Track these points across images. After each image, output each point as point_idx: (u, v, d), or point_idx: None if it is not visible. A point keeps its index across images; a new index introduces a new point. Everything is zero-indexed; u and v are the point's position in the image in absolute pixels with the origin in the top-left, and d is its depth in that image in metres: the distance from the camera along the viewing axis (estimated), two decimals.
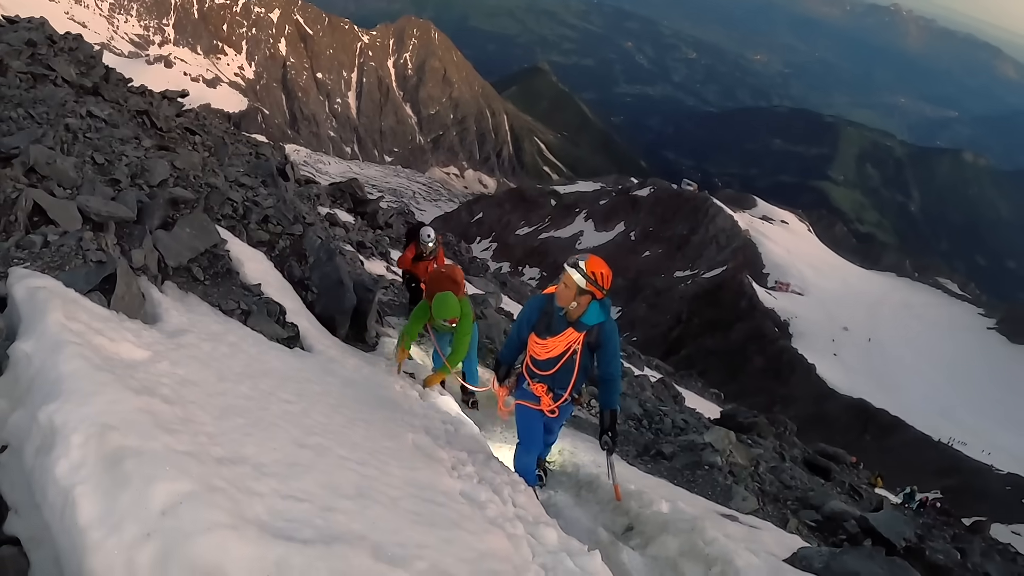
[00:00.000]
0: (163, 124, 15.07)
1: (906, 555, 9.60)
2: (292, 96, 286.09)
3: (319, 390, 6.70)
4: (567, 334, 6.22)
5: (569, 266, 5.92)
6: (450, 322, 8.93)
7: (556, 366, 6.38)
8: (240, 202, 11.28)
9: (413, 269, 13.01)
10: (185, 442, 3.77)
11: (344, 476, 4.50)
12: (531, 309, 6.52)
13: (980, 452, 75.78)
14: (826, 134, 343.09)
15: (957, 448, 76.01)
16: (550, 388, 6.57)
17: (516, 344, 6.80)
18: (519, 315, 6.73)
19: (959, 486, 61.81)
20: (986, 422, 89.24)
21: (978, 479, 65.71)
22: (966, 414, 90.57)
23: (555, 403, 6.58)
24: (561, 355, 6.32)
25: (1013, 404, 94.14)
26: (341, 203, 31.66)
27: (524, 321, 6.55)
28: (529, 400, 6.73)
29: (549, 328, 6.30)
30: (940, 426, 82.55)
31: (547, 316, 6.32)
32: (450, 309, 8.77)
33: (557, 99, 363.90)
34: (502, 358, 6.99)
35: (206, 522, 3.05)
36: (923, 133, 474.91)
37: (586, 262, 5.92)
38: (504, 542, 4.74)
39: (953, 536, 17.23)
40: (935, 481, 60.07)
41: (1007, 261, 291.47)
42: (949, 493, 55.97)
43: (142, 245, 7.02)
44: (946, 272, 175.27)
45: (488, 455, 7.05)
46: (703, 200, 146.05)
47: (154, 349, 5.09)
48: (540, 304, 6.45)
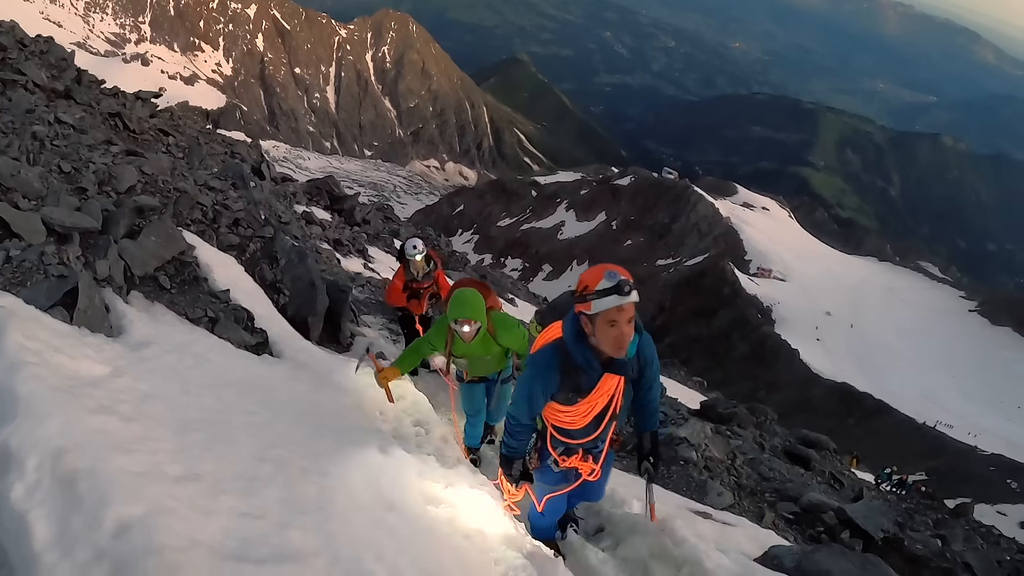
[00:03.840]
0: (136, 126, 15.18)
1: (884, 546, 9.64)
2: (270, 92, 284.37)
3: (285, 399, 6.66)
4: (606, 382, 4.38)
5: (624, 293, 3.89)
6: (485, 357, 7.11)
7: (600, 427, 4.66)
8: (210, 206, 11.12)
9: (407, 304, 10.46)
10: (141, 462, 3.78)
11: (304, 489, 4.44)
12: (542, 372, 4.48)
13: (967, 435, 76.06)
14: (806, 120, 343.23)
15: (943, 431, 76.26)
16: (587, 452, 4.95)
17: (529, 427, 4.89)
18: (521, 387, 4.65)
19: (944, 468, 62.01)
20: (970, 404, 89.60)
21: (963, 460, 65.93)
22: (950, 396, 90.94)
23: (597, 463, 5.01)
24: (605, 410, 4.52)
25: (996, 386, 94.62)
26: (318, 201, 31.64)
27: (536, 393, 4.55)
28: (561, 485, 5.25)
29: (580, 387, 4.42)
30: (924, 409, 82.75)
31: (573, 372, 4.35)
32: (473, 308, 6.50)
33: (536, 90, 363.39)
34: (513, 451, 5.07)
35: (156, 545, 3.04)
36: (902, 118, 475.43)
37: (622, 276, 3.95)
38: (473, 556, 4.76)
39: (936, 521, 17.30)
40: (920, 463, 60.11)
41: (987, 244, 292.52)
42: (934, 475, 56.21)
43: (107, 256, 6.97)
44: (927, 256, 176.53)
45: (458, 458, 7.02)
46: (684, 188, 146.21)
47: (115, 364, 5.08)
48: (553, 361, 4.42)
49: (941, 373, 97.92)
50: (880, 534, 9.89)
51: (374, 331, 13.12)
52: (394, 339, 12.94)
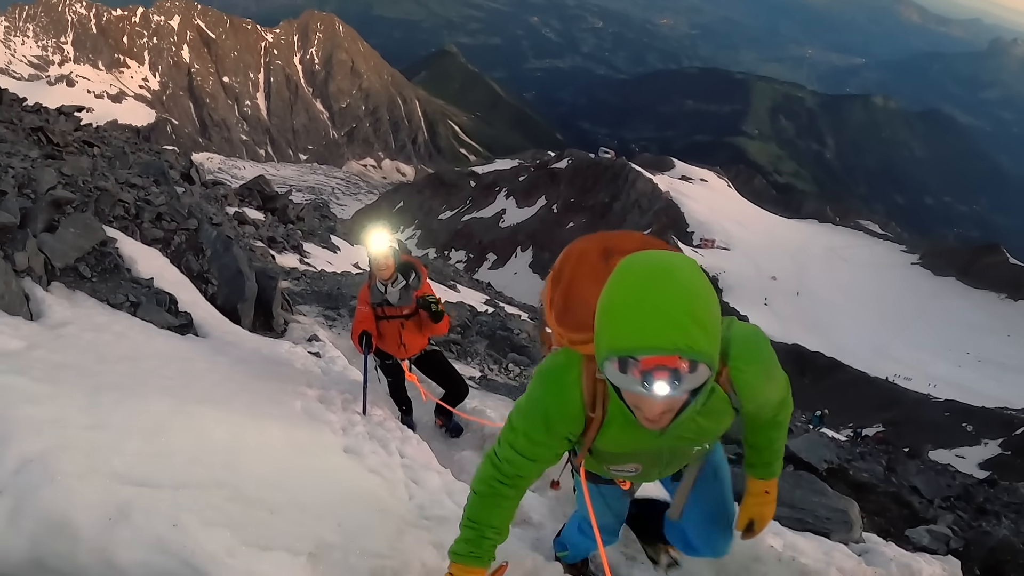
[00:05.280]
0: (59, 139, 14.97)
1: (829, 476, 9.20)
2: (200, 103, 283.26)
3: (206, 367, 6.56)
4: None
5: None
6: None
7: None
8: (132, 202, 10.86)
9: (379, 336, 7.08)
10: (48, 413, 3.84)
11: (215, 436, 4.50)
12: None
13: (927, 385, 77.15)
14: (737, 91, 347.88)
15: (902, 384, 77.15)
16: None
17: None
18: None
19: (900, 418, 62.53)
20: (920, 354, 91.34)
21: (918, 409, 66.57)
22: (900, 348, 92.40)
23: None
24: None
25: (943, 335, 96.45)
26: (250, 201, 31.95)
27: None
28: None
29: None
30: (876, 363, 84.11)
31: None
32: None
33: (467, 80, 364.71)
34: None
35: (56, 473, 3.19)
36: (832, 82, 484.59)
37: None
38: (378, 486, 4.81)
39: (888, 460, 16.70)
40: (876, 416, 60.70)
41: (924, 198, 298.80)
42: (891, 426, 56.62)
43: (25, 248, 6.86)
44: (866, 214, 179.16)
45: (387, 416, 6.83)
46: (622, 167, 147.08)
47: (31, 340, 5.12)
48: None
49: (890, 326, 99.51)
50: (824, 465, 9.59)
51: (310, 319, 12.88)
52: (330, 324, 12.75)
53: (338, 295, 17.01)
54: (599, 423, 2.71)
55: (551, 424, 2.76)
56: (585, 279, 2.83)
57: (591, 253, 2.92)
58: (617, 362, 2.09)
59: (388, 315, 6.92)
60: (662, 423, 2.30)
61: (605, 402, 2.65)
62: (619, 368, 2.09)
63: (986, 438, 54.09)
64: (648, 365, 2.04)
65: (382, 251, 6.63)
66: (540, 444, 2.82)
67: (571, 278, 2.88)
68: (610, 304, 2.13)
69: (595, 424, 2.72)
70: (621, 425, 2.65)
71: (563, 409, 2.71)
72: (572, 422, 2.74)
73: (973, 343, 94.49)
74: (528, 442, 2.82)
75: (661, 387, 2.05)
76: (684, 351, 2.02)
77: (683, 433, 2.67)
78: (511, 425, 2.90)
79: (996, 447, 51.83)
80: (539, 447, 2.83)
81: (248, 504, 3.62)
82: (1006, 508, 11.65)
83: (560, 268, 2.96)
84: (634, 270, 2.15)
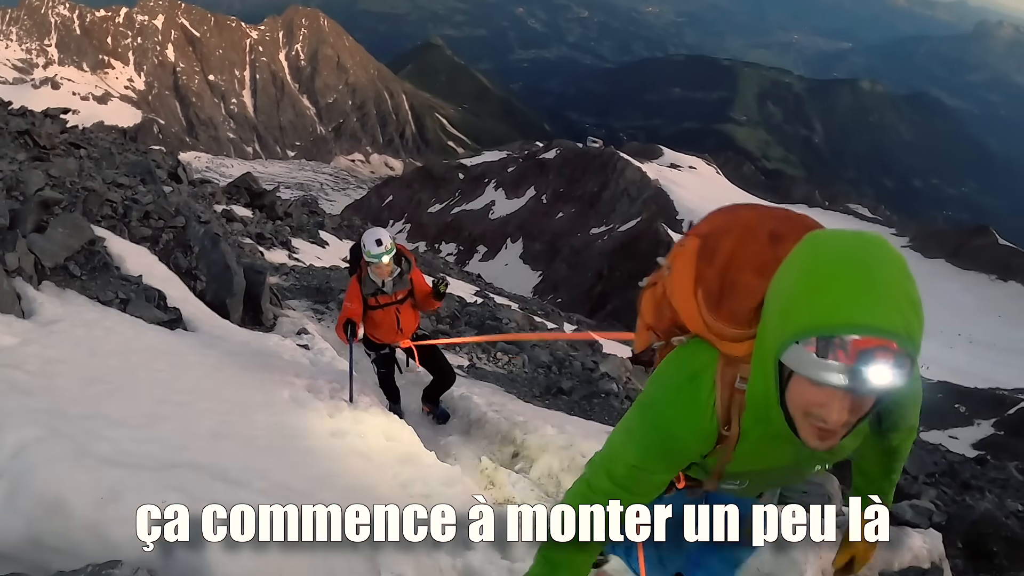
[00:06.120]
0: (46, 142, 15.33)
1: None
2: (186, 102, 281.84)
3: (195, 360, 6.83)
4: None
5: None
6: None
7: None
8: (119, 202, 11.25)
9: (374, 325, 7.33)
10: (42, 402, 4.07)
11: (202, 424, 4.75)
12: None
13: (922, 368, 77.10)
14: (724, 77, 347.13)
15: None
16: None
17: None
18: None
19: None
20: None
21: None
22: None
23: None
24: None
25: (934, 317, 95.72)
26: (237, 199, 32.65)
27: None
28: None
29: None
30: None
31: None
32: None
33: (454, 73, 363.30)
34: None
35: (50, 458, 3.39)
36: (819, 67, 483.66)
37: None
38: (362, 466, 5.05)
39: None
40: None
41: (913, 181, 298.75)
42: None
43: (16, 248, 7.11)
44: (856, 198, 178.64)
45: (374, 403, 7.04)
46: (610, 155, 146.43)
47: (24, 336, 5.35)
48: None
49: None
50: None
51: (299, 313, 13.15)
52: (318, 318, 13.02)
53: (327, 289, 17.19)
54: (734, 442, 2.22)
55: (676, 449, 2.29)
56: (747, 264, 2.22)
57: (757, 233, 2.30)
58: (816, 343, 1.66)
59: (382, 304, 7.05)
60: (833, 440, 1.82)
61: (741, 415, 2.16)
62: (817, 351, 1.66)
63: (979, 419, 54.26)
64: (865, 345, 1.61)
65: (386, 260, 6.69)
66: (651, 475, 2.36)
67: (731, 257, 2.26)
68: (810, 272, 1.73)
69: (730, 444, 2.22)
70: (755, 442, 2.18)
71: (694, 428, 2.22)
72: (701, 443, 2.25)
73: (964, 324, 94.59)
74: (633, 473, 2.35)
75: (880, 373, 1.61)
76: (904, 339, 1.62)
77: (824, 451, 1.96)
78: (612, 449, 2.46)
79: (989, 427, 52.03)
80: (649, 477, 2.36)
81: (232, 484, 3.75)
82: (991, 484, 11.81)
83: (714, 240, 2.34)
84: (837, 240, 1.78)
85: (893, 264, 1.70)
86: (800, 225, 2.29)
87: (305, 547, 2.73)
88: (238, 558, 3.08)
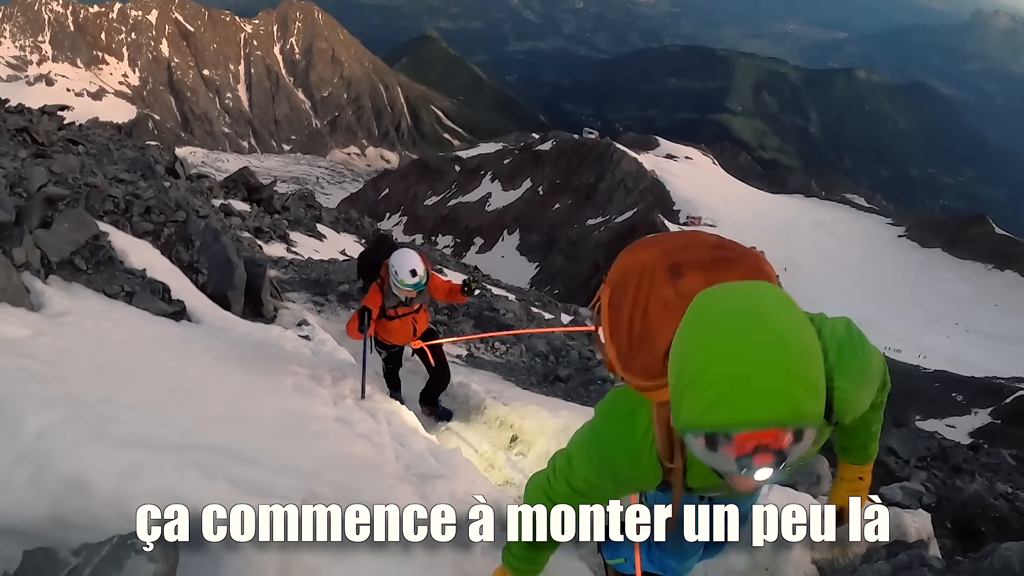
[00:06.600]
0: (44, 139, 15.37)
1: None
2: (181, 97, 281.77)
3: (201, 350, 6.92)
4: None
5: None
6: None
7: None
8: (121, 197, 11.19)
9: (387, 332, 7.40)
10: (58, 390, 4.16)
11: (213, 409, 4.91)
12: None
13: (917, 357, 77.29)
14: (720, 68, 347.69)
15: (892, 356, 77.27)
16: None
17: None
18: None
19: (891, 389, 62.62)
20: (909, 325, 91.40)
21: (907, 380, 66.57)
22: (889, 321, 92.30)
23: None
24: None
25: (932, 305, 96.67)
26: (235, 193, 32.14)
27: None
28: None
29: None
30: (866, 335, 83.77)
31: None
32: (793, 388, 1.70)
33: (449, 65, 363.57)
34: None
35: (70, 440, 3.43)
36: (815, 56, 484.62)
37: None
38: (367, 449, 5.14)
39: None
40: None
41: (909, 170, 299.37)
42: None
43: (22, 244, 7.10)
44: (852, 188, 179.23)
45: (375, 390, 7.12)
46: (606, 147, 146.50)
47: (36, 328, 5.38)
48: None
49: (878, 299, 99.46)
50: None
51: (299, 305, 13.13)
52: (318, 309, 13.18)
53: (326, 281, 17.22)
54: (681, 471, 2.25)
55: (622, 478, 2.40)
56: (652, 309, 2.27)
57: (656, 271, 2.33)
58: (704, 438, 1.68)
59: (401, 314, 7.18)
60: (766, 479, 1.75)
61: (684, 449, 2.18)
62: (706, 445, 1.69)
63: (976, 407, 54.21)
64: (746, 445, 1.64)
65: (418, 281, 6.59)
66: (605, 491, 2.49)
67: (634, 305, 2.32)
68: (688, 367, 1.71)
69: (677, 473, 2.25)
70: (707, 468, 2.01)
71: (633, 465, 2.32)
72: (645, 477, 2.34)
73: (961, 313, 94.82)
74: (588, 486, 2.49)
75: (763, 473, 1.67)
76: (790, 422, 1.63)
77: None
78: (569, 461, 2.55)
79: (986, 416, 51.97)
80: (603, 493, 2.50)
81: (246, 463, 3.87)
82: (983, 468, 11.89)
83: (619, 290, 2.41)
84: (714, 320, 1.74)
85: (771, 342, 1.64)
86: (695, 250, 2.37)
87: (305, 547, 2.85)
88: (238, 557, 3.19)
